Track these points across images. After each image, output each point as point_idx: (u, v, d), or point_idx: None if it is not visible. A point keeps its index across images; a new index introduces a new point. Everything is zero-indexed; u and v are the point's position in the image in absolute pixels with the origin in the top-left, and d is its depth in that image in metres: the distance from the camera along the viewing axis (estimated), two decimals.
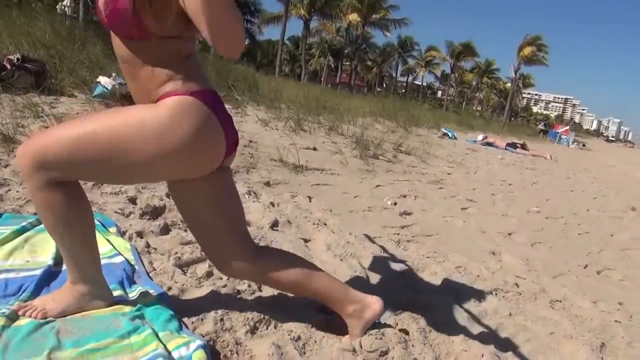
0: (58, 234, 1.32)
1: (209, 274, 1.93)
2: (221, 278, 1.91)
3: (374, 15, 39.51)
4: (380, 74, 67.64)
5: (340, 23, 41.17)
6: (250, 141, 5.33)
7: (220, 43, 1.06)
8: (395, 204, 3.84)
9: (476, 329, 1.90)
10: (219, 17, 1.03)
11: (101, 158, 1.20)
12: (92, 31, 7.96)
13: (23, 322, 1.35)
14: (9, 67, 4.85)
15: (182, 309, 1.62)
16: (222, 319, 1.58)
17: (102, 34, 7.73)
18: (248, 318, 1.61)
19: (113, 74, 5.74)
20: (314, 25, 42.15)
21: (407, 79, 71.37)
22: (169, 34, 1.20)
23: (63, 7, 13.13)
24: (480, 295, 2.22)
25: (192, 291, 1.79)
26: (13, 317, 1.36)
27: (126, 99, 5.43)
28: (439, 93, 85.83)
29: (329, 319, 1.66)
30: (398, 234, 3.02)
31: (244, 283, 1.90)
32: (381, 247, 2.69)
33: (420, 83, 72.15)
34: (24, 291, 1.52)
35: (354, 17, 38.44)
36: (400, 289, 2.14)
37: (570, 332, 2.04)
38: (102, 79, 5.51)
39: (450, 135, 12.36)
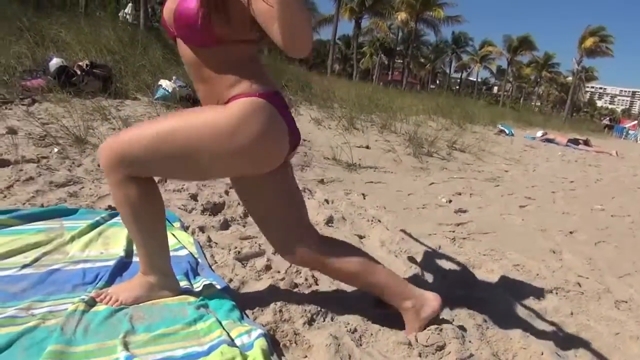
0: (133, 226, 1.42)
1: (268, 268, 2.00)
2: (279, 271, 1.98)
3: (426, 13, 38.84)
4: (433, 71, 66.50)
5: (392, 21, 40.78)
6: (304, 140, 5.40)
7: (292, 45, 1.10)
8: (450, 201, 3.80)
9: (535, 327, 1.86)
10: (293, 21, 1.06)
11: (177, 155, 1.30)
12: (152, 37, 8.31)
13: (100, 307, 1.46)
14: (79, 72, 5.17)
15: (243, 300, 1.70)
16: (280, 310, 1.63)
17: (162, 40, 8.06)
18: (305, 310, 1.66)
19: (173, 77, 5.99)
20: (365, 24, 42.04)
21: (461, 75, 69.78)
22: (236, 39, 1.28)
23: (125, 15, 13.77)
24: (539, 294, 2.17)
25: (251, 284, 1.86)
26: (91, 303, 1.47)
27: (186, 101, 5.65)
28: (495, 89, 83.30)
29: (385, 313, 1.68)
30: (453, 232, 2.99)
31: (301, 276, 1.95)
32: (436, 244, 2.67)
33: (475, 79, 70.28)
34: (99, 280, 1.64)
35: (405, 14, 37.95)
36: (456, 285, 2.13)
37: (637, 333, 1.96)
38: (164, 82, 5.76)
39: (507, 132, 12.00)
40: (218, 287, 1.72)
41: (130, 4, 14.48)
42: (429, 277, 2.18)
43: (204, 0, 1.20)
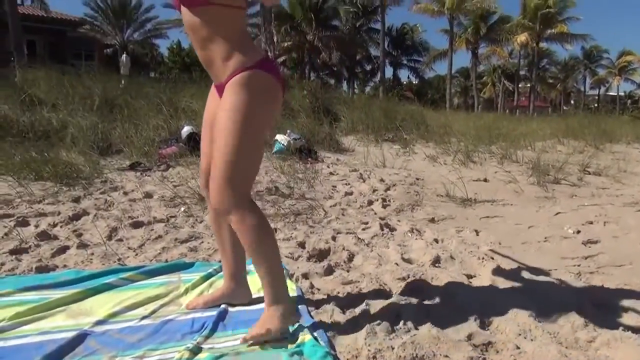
0: (262, 254, 1.69)
1: (366, 313, 1.99)
2: (377, 316, 1.95)
3: (549, 31, 36.62)
4: (565, 91, 61.87)
5: (511, 45, 39.10)
6: (417, 179, 5.35)
7: None
8: (579, 232, 3.45)
9: None
10: None
11: (251, 149, 1.66)
12: None
13: (203, 355, 1.57)
14: None
15: (339, 346, 1.71)
16: (374, 357, 1.62)
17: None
18: (400, 357, 1.62)
19: (288, 131, 6.35)
20: (482, 52, 40.84)
21: (599, 92, 63.88)
22: (224, 2, 1.60)
23: None
24: None
25: (349, 329, 1.86)
26: (196, 350, 1.59)
27: (300, 152, 5.94)
28: None
29: None
30: (579, 265, 2.71)
31: (400, 322, 1.90)
32: (557, 279, 2.44)
33: (615, 93, 63.84)
34: (205, 328, 1.76)
35: (524, 37, 36.14)
36: (578, 326, 1.91)
37: None
38: (279, 137, 6.14)
39: None
40: (314, 333, 1.74)
41: None
42: (546, 315, 1.99)
43: None
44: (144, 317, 1.84)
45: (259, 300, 2.00)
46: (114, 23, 32.79)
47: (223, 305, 1.93)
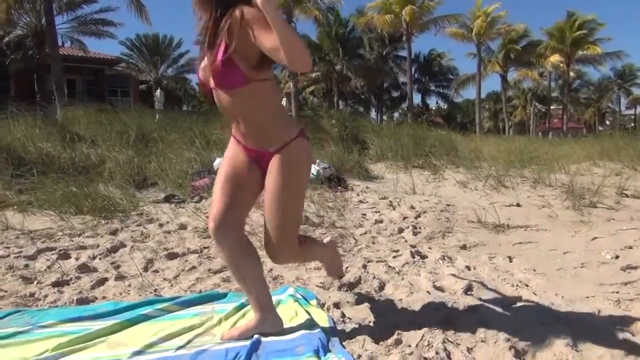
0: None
1: (398, 342, 1.98)
2: (409, 345, 1.95)
3: (580, 52, 36.13)
4: (599, 112, 60.53)
5: (542, 68, 38.68)
6: (448, 205, 5.32)
7: (297, 64, 1.54)
8: (617, 257, 3.35)
9: None
10: (293, 46, 1.50)
11: (298, 207, 1.99)
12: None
13: None
14: None
15: None
16: None
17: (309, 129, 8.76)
18: None
19: (317, 160, 6.43)
20: (512, 76, 40.53)
21: (635, 111, 62.27)
22: (261, 78, 1.76)
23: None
24: None
25: (380, 359, 1.86)
26: None
27: (329, 181, 5.99)
28: None
29: None
30: (618, 292, 2.63)
31: (432, 350, 1.89)
32: (595, 308, 2.38)
33: None
34: (239, 358, 1.80)
35: (555, 58, 35.72)
36: (617, 356, 1.86)
37: None
38: None
39: None
40: None
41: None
42: (582, 349, 1.95)
43: (226, 47, 1.68)
44: (179, 347, 1.89)
45: (292, 330, 2.03)
46: (149, 60, 34.11)
47: (256, 336, 1.96)
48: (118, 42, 35.03)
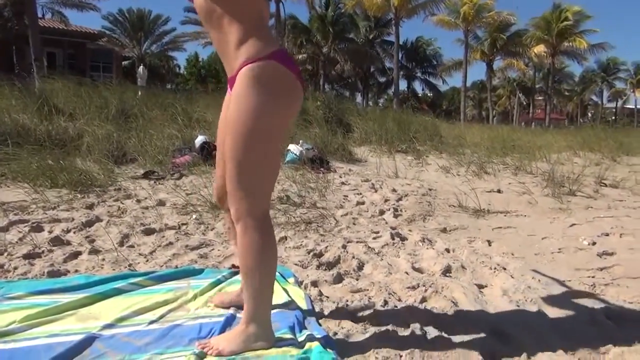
0: (253, 273, 1.57)
1: (375, 320, 1.97)
2: (386, 324, 1.94)
3: (565, 44, 36.35)
4: (582, 104, 61.32)
5: (528, 58, 38.88)
6: (430, 189, 5.32)
7: None
8: (594, 243, 3.39)
9: None
10: None
11: (265, 156, 1.54)
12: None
13: None
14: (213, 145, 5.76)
15: (346, 353, 1.69)
16: None
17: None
18: None
19: (300, 141, 6.37)
20: (498, 65, 40.70)
21: (616, 104, 63.18)
22: None
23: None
24: None
25: (357, 336, 1.84)
26: (202, 355, 1.59)
27: (312, 162, 5.95)
28: None
29: None
30: (593, 277, 2.66)
31: (409, 330, 1.88)
32: (571, 290, 2.40)
33: (634, 106, 63.04)
34: (212, 334, 1.76)
35: (540, 49, 35.91)
36: (590, 338, 1.87)
37: None
38: (292, 147, 6.16)
39: None
40: (322, 340, 1.73)
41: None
42: (556, 329, 1.96)
43: None
44: (152, 322, 1.84)
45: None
46: (132, 36, 33.39)
47: (231, 311, 1.93)
48: (101, 16, 34.14)
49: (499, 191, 5.31)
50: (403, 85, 45.10)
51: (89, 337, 1.69)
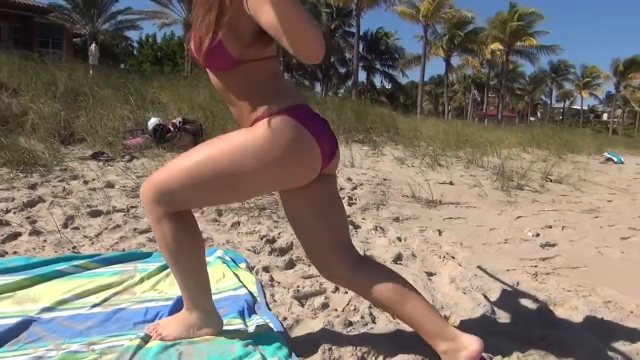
0: (171, 264, 1.48)
1: (325, 306, 1.97)
2: (336, 309, 1.95)
3: (518, 43, 37.53)
4: (532, 103, 63.59)
5: (483, 56, 39.90)
6: (384, 179, 5.38)
7: (304, 53, 1.10)
8: (538, 235, 3.53)
9: None
10: (299, 31, 1.07)
11: (211, 182, 1.34)
12: None
13: (153, 344, 1.52)
14: (172, 129, 5.62)
15: (295, 338, 1.69)
16: (330, 349, 1.60)
17: None
18: (357, 349, 1.61)
19: None
20: (455, 61, 41.56)
21: (564, 105, 65.89)
22: (255, 57, 1.33)
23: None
24: (631, 334, 1.92)
25: (306, 322, 1.85)
26: (146, 339, 1.55)
27: None
28: (605, 116, 77.17)
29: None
30: (536, 266, 2.76)
31: (358, 315, 1.90)
32: (514, 280, 2.48)
33: (579, 107, 65.93)
34: (158, 317, 1.72)
35: (495, 46, 36.96)
36: (531, 324, 1.95)
37: None
38: None
39: (615, 159, 11.02)
40: (271, 325, 1.72)
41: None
42: (500, 315, 2.02)
43: (210, 24, 1.25)
44: (94, 305, 1.78)
45: (218, 291, 1.97)
46: (84, 12, 31.95)
47: (179, 294, 1.88)
48: None
49: (451, 183, 5.43)
50: (362, 76, 45.39)
51: (25, 320, 1.61)
